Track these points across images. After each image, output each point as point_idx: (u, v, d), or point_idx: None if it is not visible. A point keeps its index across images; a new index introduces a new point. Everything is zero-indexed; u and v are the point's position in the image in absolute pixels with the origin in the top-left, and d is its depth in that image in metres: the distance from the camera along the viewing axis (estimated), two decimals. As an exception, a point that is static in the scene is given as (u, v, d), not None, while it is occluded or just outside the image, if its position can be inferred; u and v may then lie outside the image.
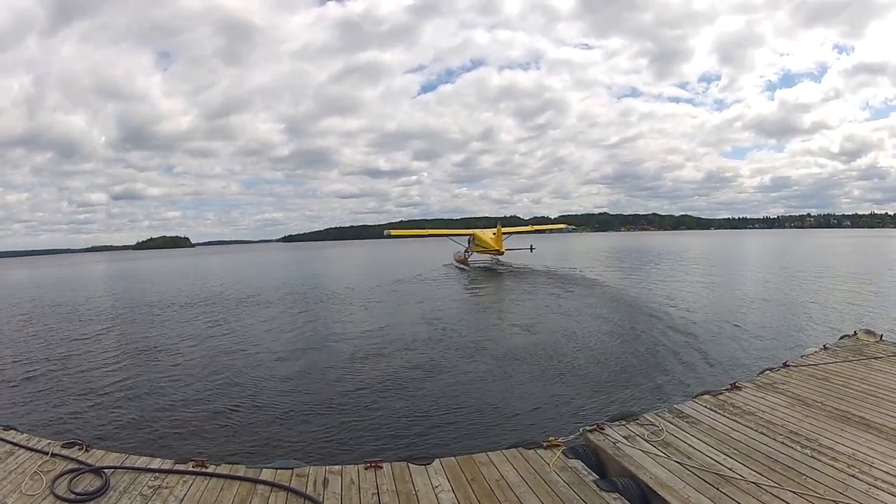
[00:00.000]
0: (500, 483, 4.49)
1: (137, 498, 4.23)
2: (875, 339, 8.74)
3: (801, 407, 5.84)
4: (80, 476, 4.54)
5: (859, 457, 4.55)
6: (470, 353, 12.62)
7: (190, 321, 19.43)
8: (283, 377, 11.05)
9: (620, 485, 4.38)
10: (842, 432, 5.09)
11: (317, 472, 4.69)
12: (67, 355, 13.73)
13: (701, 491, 4.14)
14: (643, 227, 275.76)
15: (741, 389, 6.52)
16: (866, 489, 4.04)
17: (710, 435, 5.20)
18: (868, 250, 55.09)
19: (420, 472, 4.70)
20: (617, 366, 10.96)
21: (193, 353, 13.67)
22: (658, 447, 4.96)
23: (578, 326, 15.43)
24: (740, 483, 4.21)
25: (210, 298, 27.16)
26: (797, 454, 4.68)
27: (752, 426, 5.36)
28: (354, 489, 4.44)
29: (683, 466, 4.54)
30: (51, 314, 22.98)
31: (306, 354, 13.28)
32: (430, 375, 10.76)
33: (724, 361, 11.00)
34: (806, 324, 14.83)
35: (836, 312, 16.59)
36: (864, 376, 6.81)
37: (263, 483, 4.48)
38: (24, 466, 4.76)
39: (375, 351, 13.16)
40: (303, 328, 17.35)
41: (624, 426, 5.48)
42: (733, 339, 13.05)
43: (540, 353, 12.23)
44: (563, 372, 10.64)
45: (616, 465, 4.77)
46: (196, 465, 4.77)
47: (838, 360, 7.65)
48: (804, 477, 4.27)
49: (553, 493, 4.28)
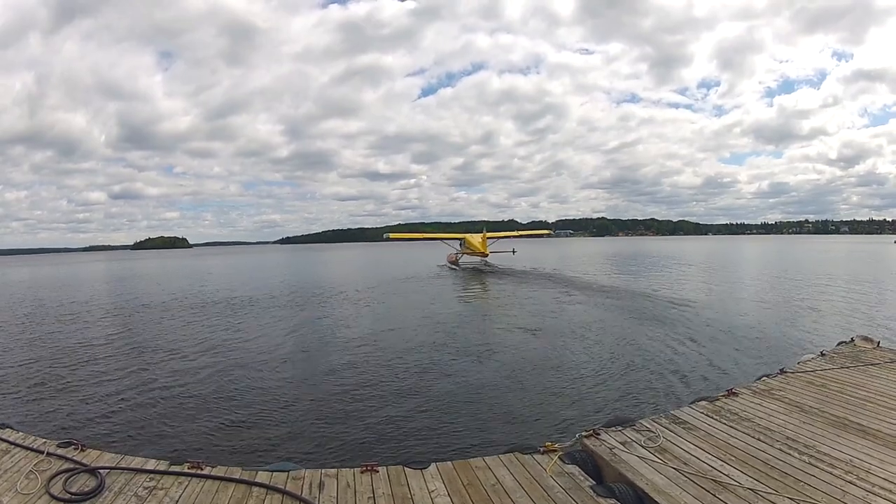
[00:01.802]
0: (497, 488, 4.47)
1: (132, 499, 4.21)
2: (872, 345, 8.75)
3: (798, 413, 5.84)
4: (76, 476, 4.52)
5: (857, 463, 4.55)
6: (465, 355, 12.61)
7: (187, 322, 19.38)
8: (280, 379, 11.03)
9: (617, 491, 4.36)
10: (839, 439, 5.08)
11: (313, 476, 4.68)
12: (64, 355, 13.67)
13: (698, 497, 4.13)
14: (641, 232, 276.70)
15: (738, 395, 6.51)
16: (863, 496, 4.03)
17: (706, 441, 5.19)
18: (866, 256, 55.25)
19: (416, 476, 4.69)
20: (612, 370, 10.94)
21: (190, 354, 13.62)
22: (655, 453, 4.95)
23: (570, 327, 15.47)
24: (737, 490, 4.20)
25: (207, 300, 27.14)
26: (794, 461, 4.67)
27: (749, 432, 5.36)
28: (350, 493, 4.42)
29: (680, 473, 4.53)
30: (47, 314, 22.91)
31: (302, 356, 13.26)
32: (427, 378, 10.73)
33: (721, 367, 10.99)
34: (803, 330, 14.84)
35: (833, 319, 16.62)
36: (861, 383, 6.81)
37: (259, 486, 4.46)
38: (20, 466, 4.74)
39: (371, 354, 13.14)
40: (299, 330, 17.32)
41: (620, 432, 5.47)
42: (730, 345, 13.04)
43: (534, 355, 12.24)
44: (559, 376, 10.62)
45: (613, 471, 4.76)
46: (192, 466, 4.76)
47: (835, 366, 7.65)
48: (801, 483, 4.26)
49: (549, 498, 4.27)
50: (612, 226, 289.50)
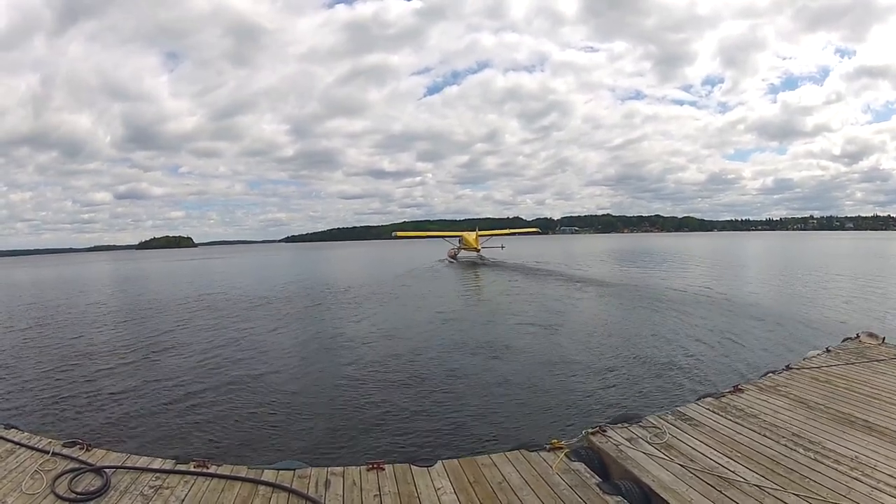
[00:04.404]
0: (503, 485, 4.47)
1: (138, 498, 4.22)
2: (878, 341, 8.70)
3: (803, 409, 5.82)
4: (81, 476, 4.54)
5: (862, 459, 4.53)
6: (470, 352, 12.61)
7: (193, 322, 19.43)
8: (286, 377, 11.05)
9: (623, 488, 4.36)
10: (844, 435, 5.06)
11: (319, 474, 4.68)
12: (70, 354, 13.74)
13: (704, 494, 4.12)
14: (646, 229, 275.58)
15: (744, 392, 6.49)
16: (869, 492, 4.02)
17: (712, 437, 5.18)
18: (870, 252, 54.95)
19: (422, 474, 4.69)
20: (617, 366, 10.92)
21: (196, 353, 13.66)
22: (661, 450, 4.94)
23: (574, 323, 15.45)
24: (743, 486, 4.19)
25: (214, 299, 27.19)
26: (800, 457, 4.66)
27: (754, 429, 5.34)
28: (356, 491, 4.43)
29: (686, 469, 4.52)
30: (53, 314, 23.01)
31: (308, 354, 13.29)
32: (432, 375, 10.74)
33: (727, 363, 10.97)
34: (808, 326, 14.77)
35: (838, 314, 16.54)
36: (866, 379, 6.78)
37: (265, 484, 4.47)
38: (25, 465, 4.75)
39: (377, 351, 13.15)
40: (307, 328, 17.37)
41: (626, 428, 5.46)
42: (735, 341, 13.00)
43: (539, 351, 12.23)
44: (563, 372, 10.61)
45: (619, 468, 4.75)
46: (197, 465, 4.77)
47: (841, 362, 7.62)
48: (807, 480, 4.25)
49: (556, 495, 4.27)
50: (617, 222, 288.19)
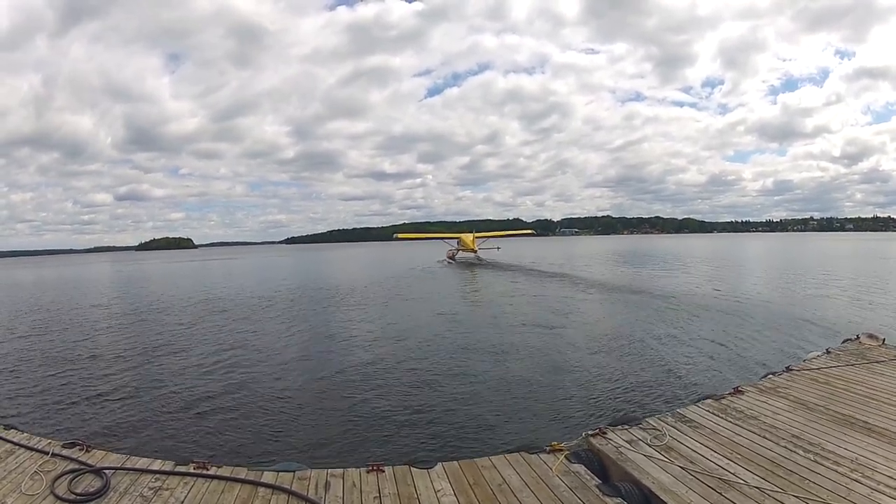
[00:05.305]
0: (503, 487, 4.47)
1: (138, 499, 4.22)
2: (878, 342, 8.70)
3: (803, 411, 5.82)
4: (81, 476, 4.53)
5: (862, 461, 4.53)
6: (470, 354, 12.60)
7: (193, 323, 19.43)
8: (286, 379, 11.04)
9: (623, 490, 4.36)
10: (844, 436, 5.06)
11: (318, 476, 4.68)
12: (70, 356, 13.74)
13: (704, 496, 4.12)
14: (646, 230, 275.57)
15: (744, 393, 6.49)
16: (869, 493, 4.02)
17: (712, 439, 5.17)
18: (870, 254, 54.94)
19: (422, 476, 4.68)
20: (617, 369, 10.92)
21: (197, 354, 13.67)
22: (661, 452, 4.94)
23: (573, 324, 15.44)
24: (743, 488, 4.19)
25: (214, 300, 27.20)
26: (800, 458, 4.65)
27: (755, 430, 5.34)
28: (356, 493, 4.42)
29: (686, 471, 4.52)
30: (53, 315, 23.02)
31: (309, 356, 13.29)
32: (432, 377, 10.73)
33: (727, 365, 10.96)
34: (808, 327, 14.76)
35: (838, 316, 16.52)
36: (866, 380, 6.78)
37: (265, 486, 4.46)
38: (25, 466, 4.75)
39: (376, 353, 13.15)
40: (307, 329, 17.37)
41: (627, 430, 5.45)
42: (735, 343, 12.99)
43: (539, 353, 12.23)
44: (563, 374, 10.60)
45: (619, 470, 4.75)
46: (197, 466, 4.76)
47: (841, 364, 7.62)
48: (807, 481, 4.25)
49: (556, 497, 4.26)
50: (617, 224, 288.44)
